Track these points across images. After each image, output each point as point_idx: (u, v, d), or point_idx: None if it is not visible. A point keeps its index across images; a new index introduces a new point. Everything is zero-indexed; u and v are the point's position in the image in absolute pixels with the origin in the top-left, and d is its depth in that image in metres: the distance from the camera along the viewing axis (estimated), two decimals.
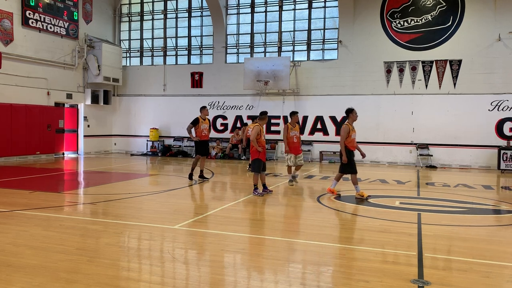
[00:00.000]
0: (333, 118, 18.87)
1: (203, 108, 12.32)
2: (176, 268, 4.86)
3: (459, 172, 16.01)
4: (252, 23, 20.50)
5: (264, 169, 9.96)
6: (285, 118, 19.53)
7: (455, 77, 17.28)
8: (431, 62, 17.57)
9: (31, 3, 17.59)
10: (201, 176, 12.17)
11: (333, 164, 17.91)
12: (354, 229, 6.69)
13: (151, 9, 22.23)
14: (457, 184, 12.18)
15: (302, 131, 19.35)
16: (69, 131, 20.25)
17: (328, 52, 19.28)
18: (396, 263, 5.15)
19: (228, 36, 20.76)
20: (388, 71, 18.14)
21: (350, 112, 9.71)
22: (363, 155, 9.86)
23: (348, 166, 9.55)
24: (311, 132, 19.23)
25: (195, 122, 11.98)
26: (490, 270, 4.92)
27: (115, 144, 22.78)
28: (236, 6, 20.62)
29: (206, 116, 12.29)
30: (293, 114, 11.37)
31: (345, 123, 9.70)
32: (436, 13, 17.46)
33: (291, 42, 19.82)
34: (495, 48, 16.71)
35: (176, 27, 21.84)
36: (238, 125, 20.37)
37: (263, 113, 10.30)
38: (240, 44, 20.67)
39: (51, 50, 18.74)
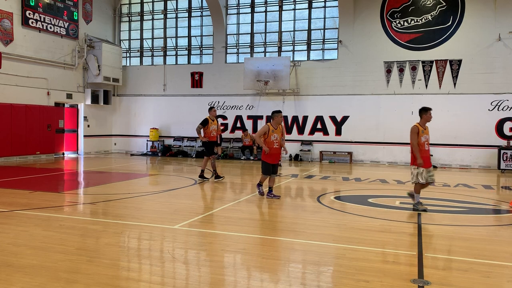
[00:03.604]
0: (333, 118, 18.87)
1: (211, 109, 12.12)
2: (176, 268, 4.86)
3: (459, 172, 16.01)
4: (252, 23, 20.50)
5: (274, 172, 9.36)
6: (284, 118, 19.51)
7: (455, 77, 17.29)
8: (431, 62, 17.57)
9: (31, 3, 17.59)
10: (201, 176, 12.13)
11: (333, 164, 17.93)
12: (354, 229, 6.69)
13: (151, 9, 22.23)
14: (457, 184, 12.18)
15: (302, 131, 19.40)
16: (69, 131, 20.25)
17: (328, 52, 19.28)
18: (396, 263, 5.15)
19: (228, 36, 20.76)
20: (388, 71, 18.14)
21: None
22: None
23: None
24: (311, 132, 19.22)
25: (205, 123, 11.76)
26: (490, 270, 4.92)
27: (115, 144, 22.78)
28: (236, 6, 20.62)
29: (214, 117, 12.07)
30: (425, 111, 8.24)
31: None
32: (436, 13, 17.46)
33: (291, 42, 19.82)
34: (495, 48, 16.71)
35: (176, 27, 21.84)
36: (238, 125, 20.40)
37: (275, 112, 9.27)
38: (240, 44, 20.67)
39: (51, 50, 18.74)
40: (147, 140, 21.66)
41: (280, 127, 9.31)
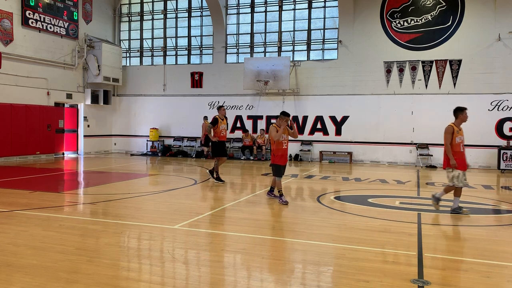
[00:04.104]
0: (333, 118, 18.87)
1: (220, 108, 11.79)
2: (176, 268, 4.86)
3: None
4: (252, 23, 20.50)
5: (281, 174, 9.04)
6: None
7: (455, 77, 17.29)
8: (431, 62, 17.58)
9: (31, 3, 17.59)
10: (211, 171, 11.74)
11: (333, 164, 17.93)
12: (354, 229, 6.69)
13: (151, 9, 22.23)
14: None
15: (302, 131, 19.38)
16: (69, 131, 20.26)
17: (328, 52, 19.28)
18: (396, 263, 5.15)
19: (228, 36, 20.76)
20: (388, 71, 18.15)
21: None
22: None
23: None
24: (311, 132, 19.23)
25: (215, 123, 11.46)
26: (490, 270, 4.92)
27: (115, 144, 22.78)
28: (236, 6, 20.62)
29: (224, 116, 11.75)
30: (461, 110, 8.01)
31: None
32: (436, 13, 17.46)
33: (291, 42, 19.82)
34: (495, 48, 16.72)
35: (176, 27, 21.85)
36: (238, 125, 20.40)
37: (281, 114, 8.94)
38: (240, 44, 20.67)
39: (51, 50, 18.74)
40: (147, 140, 21.66)
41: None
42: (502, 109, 16.72)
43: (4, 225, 6.59)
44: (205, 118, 19.64)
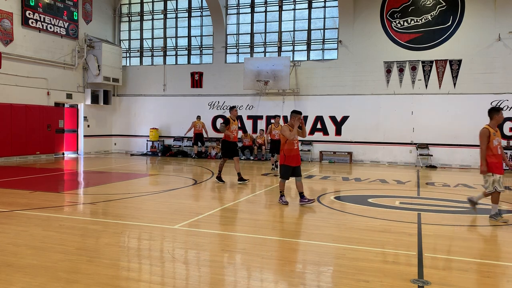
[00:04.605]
0: (333, 118, 18.87)
1: (232, 109, 11.73)
2: (176, 268, 4.86)
3: (459, 172, 16.01)
4: (252, 23, 20.50)
5: (298, 174, 8.75)
6: (285, 118, 19.50)
7: (455, 77, 17.29)
8: (431, 62, 17.58)
9: (31, 3, 17.59)
10: (241, 179, 11.53)
11: (333, 164, 17.93)
12: (354, 229, 6.69)
13: (151, 9, 22.23)
14: (457, 184, 12.18)
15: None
16: (69, 131, 20.26)
17: (328, 52, 19.28)
18: (396, 263, 5.15)
19: (228, 36, 20.76)
20: (388, 71, 18.15)
21: None
22: None
23: None
24: (311, 132, 19.22)
25: (227, 123, 11.41)
26: (490, 270, 4.92)
27: (115, 144, 22.78)
28: (236, 6, 20.62)
29: (236, 116, 11.68)
30: (497, 111, 7.57)
31: None
32: (436, 13, 17.47)
33: (291, 42, 19.82)
34: (495, 48, 16.72)
35: (176, 27, 21.85)
36: (238, 125, 20.36)
37: (293, 112, 8.71)
38: (240, 44, 20.67)
39: (51, 50, 18.74)
40: (147, 140, 21.66)
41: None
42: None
43: (4, 225, 6.59)
44: (198, 117, 19.78)
